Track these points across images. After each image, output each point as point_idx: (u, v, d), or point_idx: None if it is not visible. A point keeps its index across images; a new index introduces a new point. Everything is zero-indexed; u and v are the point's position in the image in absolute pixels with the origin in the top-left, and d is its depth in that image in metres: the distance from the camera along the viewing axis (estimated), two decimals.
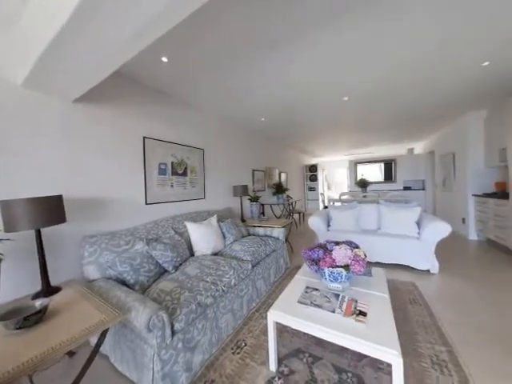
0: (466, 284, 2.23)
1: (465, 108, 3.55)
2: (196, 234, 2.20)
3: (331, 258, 1.40)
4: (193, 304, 1.32)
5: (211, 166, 3.23)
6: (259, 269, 2.11)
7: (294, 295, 1.37)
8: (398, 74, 2.33)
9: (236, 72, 2.14)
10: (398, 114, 3.73)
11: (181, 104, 2.75)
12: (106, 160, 1.92)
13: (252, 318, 1.77)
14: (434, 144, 5.81)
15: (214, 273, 1.67)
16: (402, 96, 2.93)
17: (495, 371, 1.22)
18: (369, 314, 1.15)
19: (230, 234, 2.48)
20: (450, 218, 4.45)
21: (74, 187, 1.70)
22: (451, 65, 2.18)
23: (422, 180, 6.76)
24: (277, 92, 2.65)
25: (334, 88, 2.60)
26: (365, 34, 1.67)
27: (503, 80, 2.55)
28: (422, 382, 1.15)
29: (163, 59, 1.84)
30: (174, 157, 2.57)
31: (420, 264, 2.54)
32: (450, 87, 2.70)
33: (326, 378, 1.19)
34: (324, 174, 9.30)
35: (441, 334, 1.50)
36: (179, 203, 2.64)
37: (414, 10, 1.45)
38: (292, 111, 3.34)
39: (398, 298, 1.96)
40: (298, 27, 1.57)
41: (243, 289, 1.80)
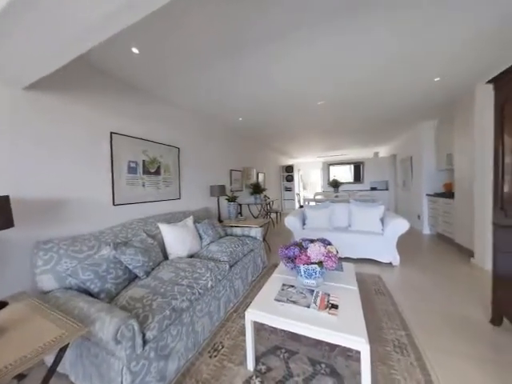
0: (421, 274, 2.51)
1: (420, 117, 4.00)
2: (170, 236, 2.10)
3: (306, 255, 1.46)
4: (167, 310, 1.25)
5: (187, 165, 3.12)
6: (237, 269, 2.10)
7: (271, 293, 1.40)
8: (363, 85, 2.53)
9: (213, 70, 2.10)
10: (365, 120, 4.05)
11: (154, 99, 2.60)
12: (65, 157, 1.72)
13: (229, 319, 1.76)
14: (395, 148, 6.43)
15: (189, 276, 1.61)
16: (367, 104, 3.18)
17: (444, 349, 1.39)
18: (340, 307, 1.22)
19: (207, 235, 2.42)
20: (408, 215, 4.97)
21: (25, 187, 1.49)
22: (408, 78, 2.43)
23: (386, 181, 7.43)
24: (254, 93, 2.66)
25: (309, 92, 2.71)
26: (334, 45, 1.78)
27: (450, 95, 2.94)
28: (386, 364, 1.27)
29: (134, 50, 1.72)
30: (145, 155, 2.42)
31: (384, 257, 2.79)
32: (407, 98, 3.01)
33: (301, 372, 1.23)
34: (300, 174, 9.64)
35: (401, 320, 1.66)
36: (152, 204, 2.49)
37: (375, 27, 1.59)
38: (269, 112, 3.40)
39: (366, 290, 2.13)
40: (274, 31, 1.60)
41: (220, 290, 1.78)
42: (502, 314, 1.53)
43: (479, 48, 1.91)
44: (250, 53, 1.85)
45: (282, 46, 1.78)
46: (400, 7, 1.43)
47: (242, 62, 2.00)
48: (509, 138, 1.44)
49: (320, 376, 1.20)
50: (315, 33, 1.64)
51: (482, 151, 2.54)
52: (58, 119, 1.68)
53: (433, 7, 1.44)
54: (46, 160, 1.61)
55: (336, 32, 1.64)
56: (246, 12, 1.41)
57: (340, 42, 1.77)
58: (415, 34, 1.70)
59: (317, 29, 1.60)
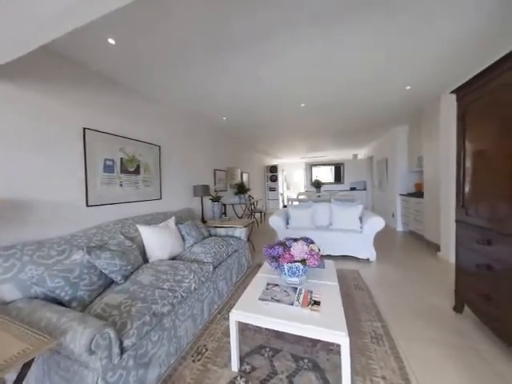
0: (395, 268, 2.70)
1: (394, 122, 4.29)
2: (150, 238, 2.01)
3: (290, 254, 1.49)
4: (147, 315, 1.20)
5: (169, 164, 3.01)
6: (221, 270, 2.08)
7: (256, 293, 1.40)
8: (343, 90, 2.65)
9: (197, 67, 2.05)
10: (345, 124, 4.24)
11: (133, 95, 2.47)
12: (32, 153, 1.57)
13: (213, 320, 1.73)
14: (372, 151, 6.82)
15: (171, 279, 1.56)
16: (347, 108, 3.34)
17: (415, 337, 1.51)
18: (322, 303, 1.27)
19: (190, 237, 2.36)
20: (384, 214, 5.29)
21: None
22: (383, 86, 2.60)
23: (364, 181, 7.85)
24: (238, 92, 2.65)
25: (292, 94, 2.77)
26: (316, 51, 1.84)
27: (420, 102, 3.19)
28: (364, 355, 1.34)
29: (110, 41, 1.62)
30: (123, 152, 2.29)
31: (362, 254, 2.95)
32: (383, 104, 3.22)
33: (285, 369, 1.26)
34: (284, 174, 9.80)
35: (377, 313, 1.77)
36: (130, 204, 2.36)
37: (355, 37, 1.67)
38: (253, 113, 3.41)
39: (346, 285, 2.23)
40: (261, 31, 1.61)
41: (204, 292, 1.74)
42: (464, 301, 1.70)
43: (445, 61, 2.10)
44: (235, 52, 1.84)
45: (267, 46, 1.79)
46: (377, 20, 1.52)
47: (228, 61, 1.98)
48: (469, 144, 1.60)
49: (303, 371, 1.23)
50: (300, 36, 1.68)
51: (447, 155, 2.79)
52: (23, 112, 1.52)
53: (406, 23, 1.55)
54: (9, 157, 1.45)
55: (320, 37, 1.69)
56: (233, 10, 1.40)
57: (322, 48, 1.83)
58: (390, 45, 1.82)
59: (302, 33, 1.64)
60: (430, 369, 1.24)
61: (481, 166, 1.49)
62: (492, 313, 1.39)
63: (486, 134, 1.43)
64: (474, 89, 1.51)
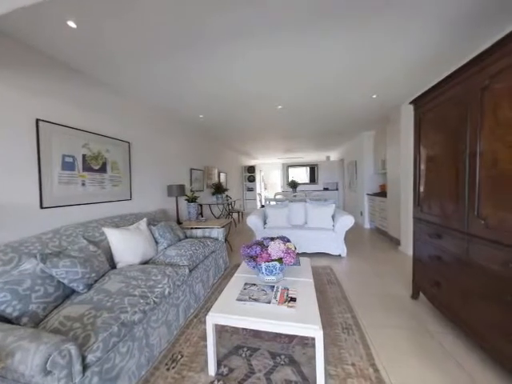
0: (363, 262, 2.92)
1: (362, 127, 4.64)
2: (119, 242, 1.86)
3: (267, 253, 1.51)
4: (114, 326, 1.11)
5: (140, 162, 2.82)
6: (197, 272, 2.02)
7: (234, 293, 1.39)
8: (316, 95, 2.78)
9: (171, 61, 1.96)
10: (319, 127, 4.45)
11: (100, 87, 2.26)
12: None
13: (190, 325, 1.67)
14: (343, 153, 7.28)
15: (143, 284, 1.46)
16: (320, 113, 3.51)
17: (379, 324, 1.65)
18: (298, 299, 1.31)
19: (164, 239, 2.25)
20: (354, 212, 5.69)
21: None
22: (352, 94, 2.80)
23: (336, 182, 8.34)
24: (215, 90, 2.60)
25: (269, 96, 2.81)
26: (293, 54, 1.89)
27: (384, 110, 3.51)
28: (336, 345, 1.42)
29: (70, 24, 1.45)
30: (86, 148, 2.08)
31: (334, 250, 3.13)
32: (351, 110, 3.46)
33: (262, 367, 1.27)
34: (261, 175, 9.91)
35: (348, 304, 1.89)
36: (95, 206, 2.16)
37: (328, 45, 1.77)
38: (230, 112, 3.38)
39: (320, 281, 2.34)
40: (238, 30, 1.60)
41: (179, 296, 1.67)
42: (419, 289, 1.92)
43: (404, 74, 2.33)
44: (211, 48, 1.80)
45: (244, 46, 1.78)
46: (348, 33, 1.63)
47: (204, 57, 1.93)
48: (423, 150, 1.81)
49: (280, 367, 1.26)
50: (275, 39, 1.71)
51: (406, 159, 3.11)
52: None
53: (371, 39, 1.69)
54: None
55: (294, 42, 1.75)
56: (209, 6, 1.36)
57: (297, 53, 1.89)
58: (358, 57, 1.96)
59: (276, 35, 1.67)
60: (392, 352, 1.37)
61: (432, 170, 1.69)
62: (441, 298, 1.59)
63: (436, 142, 1.63)
64: (428, 101, 1.71)
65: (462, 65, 1.32)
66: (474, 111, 1.25)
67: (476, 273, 1.26)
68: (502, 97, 1.09)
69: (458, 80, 1.38)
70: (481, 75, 1.21)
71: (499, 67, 1.10)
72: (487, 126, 1.18)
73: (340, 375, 1.20)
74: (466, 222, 1.33)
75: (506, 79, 1.07)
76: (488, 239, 1.18)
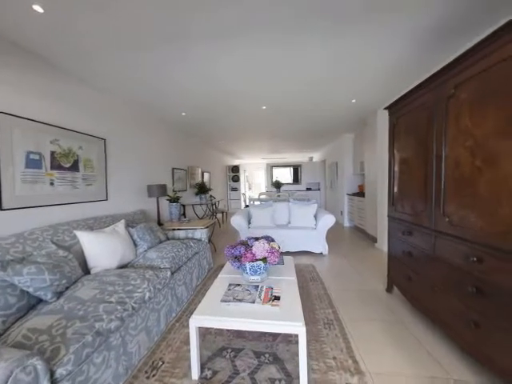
0: (343, 259, 3.05)
1: (342, 130, 4.85)
2: (93, 246, 1.74)
3: (252, 253, 1.51)
4: (88, 335, 1.03)
5: (118, 160, 2.67)
6: (180, 275, 1.96)
7: (218, 295, 1.38)
8: (300, 97, 2.85)
9: (152, 56, 1.87)
10: (301, 129, 4.56)
11: (72, 79, 2.10)
12: None
13: (172, 330, 1.62)
14: (325, 154, 7.54)
15: (120, 290, 1.38)
16: (303, 115, 3.61)
17: (358, 318, 1.74)
18: (282, 297, 1.33)
19: (144, 241, 2.15)
20: (334, 211, 5.93)
21: None
22: (333, 97, 2.91)
23: (318, 182, 8.61)
24: (199, 88, 2.55)
25: (253, 96, 2.82)
26: (277, 56, 1.92)
27: (362, 114, 3.70)
28: (318, 340, 1.47)
29: (36, 8, 1.32)
30: (56, 145, 1.91)
31: (316, 248, 3.23)
32: (332, 113, 3.60)
33: (247, 366, 1.27)
34: (245, 175, 9.89)
35: (329, 300, 1.96)
36: (66, 207, 2.00)
37: (311, 49, 1.82)
38: (214, 110, 3.33)
39: (303, 278, 2.40)
40: (224, 29, 1.58)
41: (161, 301, 1.61)
42: (393, 283, 2.05)
43: (380, 81, 2.48)
44: (195, 45, 1.75)
45: (230, 45, 1.77)
46: (328, 41, 1.69)
47: (187, 54, 1.87)
48: (397, 153, 1.94)
49: (264, 366, 1.27)
50: (261, 39, 1.72)
51: (382, 161, 3.31)
52: None
53: (350, 47, 1.77)
54: None
55: (279, 43, 1.77)
56: (194, 3, 1.33)
57: (282, 55, 1.92)
58: (339, 63, 2.05)
59: (262, 36, 1.68)
60: (370, 343, 1.45)
61: (405, 171, 1.82)
62: (412, 291, 1.72)
63: (408, 145, 1.75)
64: (401, 107, 1.84)
65: (430, 75, 1.44)
66: (440, 118, 1.37)
67: (441, 266, 1.38)
68: (463, 106, 1.21)
69: (426, 88, 1.50)
70: (447, 85, 1.32)
71: (462, 78, 1.22)
72: (451, 132, 1.30)
73: (322, 369, 1.24)
74: (433, 219, 1.45)
75: (467, 90, 1.19)
76: (452, 235, 1.30)
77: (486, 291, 1.09)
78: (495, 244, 1.04)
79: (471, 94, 1.17)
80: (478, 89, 1.13)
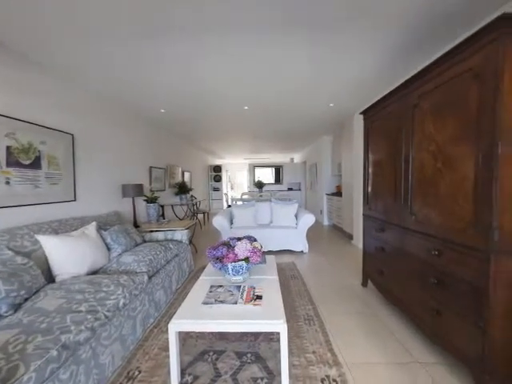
0: (322, 256, 3.17)
1: (321, 133, 5.05)
2: (59, 251, 1.59)
3: (234, 253, 1.50)
4: (53, 350, 0.94)
5: (89, 157, 2.47)
6: (158, 278, 1.87)
7: (199, 297, 1.34)
8: (281, 100, 2.91)
9: (129, 47, 1.76)
10: (283, 130, 4.66)
11: (33, 67, 1.89)
12: None
13: (149, 337, 1.54)
14: (305, 156, 7.77)
15: (91, 298, 1.28)
16: (284, 117, 3.68)
17: (336, 312, 1.82)
18: (264, 296, 1.34)
19: (118, 244, 2.01)
20: (314, 211, 6.14)
21: None
22: (312, 101, 3.02)
23: (299, 183, 8.85)
24: (179, 85, 2.46)
25: (235, 96, 2.80)
26: (262, 56, 1.93)
27: (340, 118, 3.88)
28: (299, 337, 1.51)
29: None
30: (12, 139, 1.71)
31: (297, 247, 3.31)
32: (312, 116, 3.73)
33: (229, 368, 1.26)
34: (228, 174, 9.80)
35: (309, 297, 2.03)
36: (25, 209, 1.80)
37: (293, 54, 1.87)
38: (195, 108, 3.24)
39: (284, 276, 2.45)
40: (208, 26, 1.54)
41: (137, 307, 1.52)
42: (368, 278, 2.19)
43: (355, 87, 2.63)
44: (177, 40, 1.69)
45: (213, 42, 1.73)
46: (308, 47, 1.75)
47: (167, 48, 1.79)
48: (371, 155, 2.07)
49: (246, 366, 1.27)
50: (244, 39, 1.72)
51: (357, 163, 3.51)
52: None
53: (328, 53, 1.85)
54: None
55: (262, 45, 1.78)
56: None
57: (265, 56, 1.94)
58: (318, 68, 2.13)
59: (245, 36, 1.68)
60: (346, 336, 1.53)
61: (378, 173, 1.95)
62: (384, 284, 1.85)
63: (381, 148, 1.88)
64: (374, 112, 1.97)
65: (398, 85, 1.56)
66: (408, 124, 1.49)
67: (409, 260, 1.51)
68: (427, 114, 1.33)
69: (395, 97, 1.63)
70: (412, 95, 1.45)
71: (425, 90, 1.34)
72: (417, 137, 1.42)
73: (302, 364, 1.28)
74: (401, 217, 1.58)
75: (429, 100, 1.31)
76: (417, 231, 1.42)
77: (445, 282, 1.21)
78: (452, 239, 1.16)
79: (433, 104, 1.29)
80: (437, 100, 1.26)
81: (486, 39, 0.97)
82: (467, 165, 1.07)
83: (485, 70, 0.98)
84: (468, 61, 1.06)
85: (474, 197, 1.04)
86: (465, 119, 1.09)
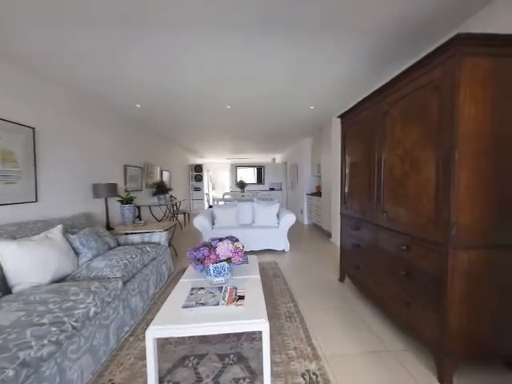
0: (303, 254, 3.27)
1: (302, 134, 5.19)
2: (16, 258, 1.42)
3: (215, 254, 1.47)
4: (9, 369, 0.83)
5: (53, 154, 2.25)
6: (134, 283, 1.77)
7: (179, 301, 1.29)
8: (263, 101, 2.94)
9: (101, 36, 1.63)
10: (265, 131, 4.70)
11: None
12: None
13: (124, 346, 1.45)
14: (287, 156, 7.93)
15: (56, 308, 1.16)
16: (266, 118, 3.72)
17: (315, 308, 1.89)
18: (246, 297, 1.34)
19: (88, 249, 1.86)
20: (295, 210, 6.30)
21: None
22: (293, 103, 3.09)
23: (280, 183, 9.00)
24: (156, 80, 2.35)
25: (217, 95, 2.76)
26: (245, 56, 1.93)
27: (319, 121, 4.03)
28: (281, 334, 1.54)
29: None
30: None
31: (279, 246, 3.37)
32: (293, 118, 3.83)
33: (210, 371, 1.23)
34: (209, 174, 9.62)
35: (290, 295, 2.07)
36: None
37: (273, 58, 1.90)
38: (175, 105, 3.12)
39: (266, 275, 2.47)
40: (191, 20, 1.49)
41: (110, 315, 1.42)
42: (345, 273, 2.30)
43: (334, 91, 2.75)
44: (152, 32, 1.61)
45: (193, 36, 1.68)
46: (289, 51, 1.79)
47: (143, 39, 1.69)
48: (347, 157, 2.18)
49: (229, 367, 1.26)
50: (228, 39, 1.70)
51: (335, 164, 3.68)
52: None
53: (307, 58, 1.91)
54: None
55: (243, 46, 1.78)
56: None
57: (246, 56, 1.93)
58: (298, 72, 2.19)
59: (226, 35, 1.66)
60: (325, 330, 1.60)
61: (354, 174, 2.06)
62: (360, 279, 1.96)
63: (356, 151, 2.00)
64: (350, 117, 2.08)
65: (370, 93, 1.68)
66: (380, 129, 1.60)
67: (381, 255, 1.62)
68: (396, 121, 1.45)
69: (368, 104, 1.74)
70: (383, 103, 1.56)
71: (394, 98, 1.45)
72: (388, 141, 1.53)
73: (284, 361, 1.30)
74: (375, 215, 1.69)
75: (398, 109, 1.43)
76: (389, 228, 1.53)
77: (413, 275, 1.32)
78: (418, 235, 1.28)
79: (401, 112, 1.41)
80: (405, 108, 1.37)
81: (444, 56, 1.08)
82: (430, 168, 1.18)
83: (443, 83, 1.09)
84: (429, 74, 1.17)
85: (436, 197, 1.15)
86: (427, 127, 1.20)
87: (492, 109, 1.05)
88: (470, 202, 1.07)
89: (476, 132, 1.05)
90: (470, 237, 1.08)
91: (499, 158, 1.07)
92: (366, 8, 1.42)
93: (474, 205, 1.07)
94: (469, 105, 1.03)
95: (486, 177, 1.07)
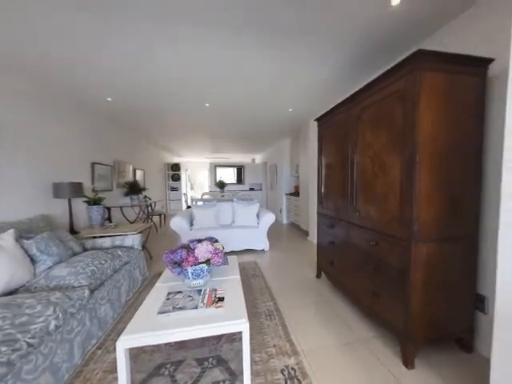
0: (282, 253, 3.33)
1: (281, 135, 5.30)
2: None
3: (194, 256, 1.43)
4: None
5: (3, 149, 1.97)
6: (103, 291, 1.63)
7: (154, 307, 1.23)
8: (243, 101, 2.94)
9: (64, 19, 1.47)
10: (244, 131, 4.70)
11: None
12: None
13: (91, 360, 1.33)
14: (266, 157, 8.03)
15: (7, 324, 1.02)
16: (246, 118, 3.73)
17: (294, 305, 1.94)
18: (226, 298, 1.32)
19: (48, 255, 1.67)
20: (274, 210, 6.40)
21: None
22: (272, 105, 3.15)
23: (260, 183, 9.08)
24: (128, 70, 2.19)
25: (196, 91, 2.68)
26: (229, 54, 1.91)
27: (297, 122, 4.16)
28: (261, 332, 1.55)
29: None
30: None
31: (258, 246, 3.39)
32: (272, 119, 3.90)
33: (189, 378, 1.19)
34: (187, 174, 9.30)
35: (270, 293, 2.10)
36: None
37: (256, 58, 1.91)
38: (149, 100, 2.95)
39: (246, 275, 2.47)
40: (160, 10, 1.42)
41: (74, 328, 1.29)
42: (321, 270, 2.41)
43: (311, 95, 2.86)
44: (130, 20, 1.50)
45: (175, 29, 1.59)
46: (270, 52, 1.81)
47: (116, 28, 1.57)
48: (324, 158, 2.28)
49: (207, 372, 1.23)
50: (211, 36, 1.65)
51: (312, 165, 3.83)
52: None
53: (285, 63, 1.96)
54: None
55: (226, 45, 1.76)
56: None
57: (227, 56, 1.91)
58: (277, 75, 2.23)
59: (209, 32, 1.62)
60: (304, 326, 1.65)
61: (330, 174, 2.17)
62: (334, 274, 2.07)
63: (331, 153, 2.10)
64: (326, 120, 2.18)
65: (344, 99, 1.78)
66: (353, 133, 1.71)
67: (353, 251, 1.73)
68: (367, 125, 1.56)
69: (342, 108, 1.85)
70: (356, 107, 1.67)
71: (365, 104, 1.56)
72: (360, 144, 1.64)
73: (264, 359, 1.32)
74: (348, 213, 1.79)
75: (368, 114, 1.54)
76: (360, 226, 1.64)
77: (381, 268, 1.43)
78: (385, 231, 1.39)
79: (371, 118, 1.52)
80: (374, 114, 1.48)
81: (407, 68, 1.19)
82: (396, 169, 1.30)
83: (406, 93, 1.21)
84: (395, 84, 1.29)
85: (400, 196, 1.27)
86: (393, 132, 1.31)
87: (445, 117, 1.19)
88: (428, 200, 1.19)
89: (432, 137, 1.17)
90: (428, 232, 1.21)
91: (449, 160, 1.21)
92: (338, 19, 1.50)
93: (430, 203, 1.20)
94: (427, 113, 1.16)
95: (440, 178, 1.21)
